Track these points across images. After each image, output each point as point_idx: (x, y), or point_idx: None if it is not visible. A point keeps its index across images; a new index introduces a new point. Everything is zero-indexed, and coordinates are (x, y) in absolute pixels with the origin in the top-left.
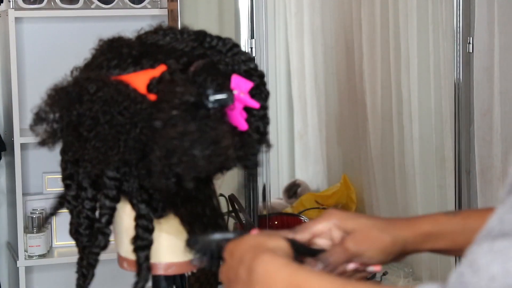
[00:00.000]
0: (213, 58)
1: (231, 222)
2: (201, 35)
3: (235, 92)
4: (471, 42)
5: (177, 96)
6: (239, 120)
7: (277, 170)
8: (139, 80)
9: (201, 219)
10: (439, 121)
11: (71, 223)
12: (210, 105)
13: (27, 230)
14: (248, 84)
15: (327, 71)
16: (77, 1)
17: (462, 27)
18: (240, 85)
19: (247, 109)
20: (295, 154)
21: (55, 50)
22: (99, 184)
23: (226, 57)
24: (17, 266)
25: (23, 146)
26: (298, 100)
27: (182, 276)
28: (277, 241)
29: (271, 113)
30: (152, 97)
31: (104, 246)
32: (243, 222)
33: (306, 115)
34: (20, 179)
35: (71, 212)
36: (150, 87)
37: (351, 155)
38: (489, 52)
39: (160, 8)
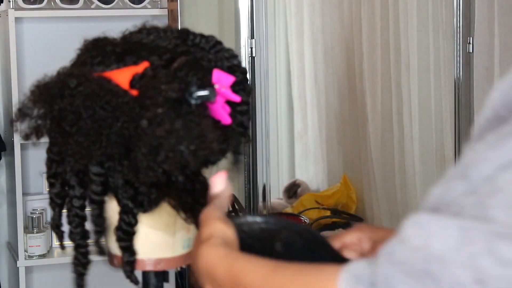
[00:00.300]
0: (196, 55)
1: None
2: (184, 33)
3: (216, 86)
4: (471, 42)
5: (162, 94)
6: (222, 114)
7: (277, 170)
8: (122, 76)
9: (195, 208)
10: (439, 121)
11: (53, 219)
12: (193, 102)
13: (27, 230)
14: (230, 79)
15: (327, 71)
16: (77, 1)
17: (462, 27)
18: (221, 80)
19: (231, 104)
20: (295, 154)
21: (55, 50)
22: (85, 181)
23: (209, 54)
24: (17, 266)
25: (23, 146)
26: (298, 100)
27: (180, 274)
28: (215, 227)
29: (271, 113)
30: (134, 92)
31: (100, 236)
32: None
33: (306, 115)
34: (20, 179)
35: (53, 209)
36: (132, 83)
37: (351, 155)
38: (489, 52)
39: (160, 8)
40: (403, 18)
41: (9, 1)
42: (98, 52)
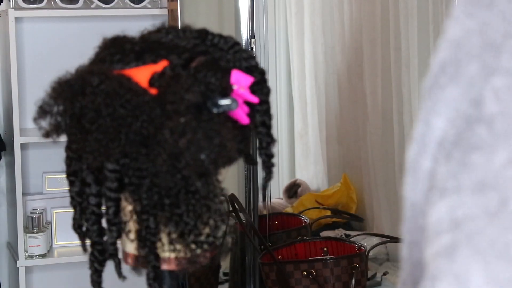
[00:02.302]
0: (214, 55)
1: (231, 222)
2: (203, 33)
3: (235, 87)
4: None
5: (183, 102)
6: (240, 115)
7: (277, 170)
8: (141, 74)
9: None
10: None
11: (74, 219)
12: (215, 110)
13: (27, 230)
14: (248, 79)
15: (327, 71)
16: (77, 1)
17: None
18: (240, 80)
19: (250, 104)
20: (295, 154)
21: (55, 50)
22: (101, 179)
23: (228, 54)
24: (17, 266)
25: (23, 146)
26: (298, 100)
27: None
28: None
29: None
30: (153, 91)
31: (118, 236)
32: (243, 222)
33: (306, 115)
34: (20, 179)
35: (74, 208)
36: (152, 82)
37: (351, 155)
38: None
39: (160, 8)
40: (403, 18)
41: (9, 1)
42: (117, 50)
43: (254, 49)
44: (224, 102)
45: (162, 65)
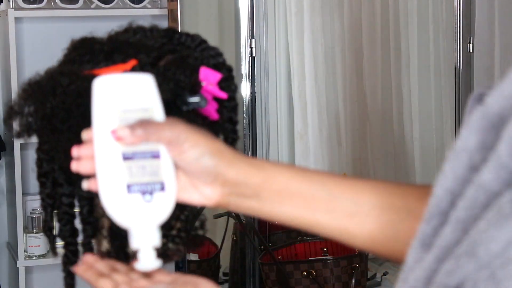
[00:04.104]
0: (182, 53)
1: (231, 222)
2: (170, 32)
3: (204, 83)
4: (471, 42)
5: None
6: (210, 111)
7: None
8: (111, 73)
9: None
10: (439, 121)
11: (45, 221)
12: (185, 108)
13: (26, 230)
14: (217, 76)
15: (327, 71)
16: (77, 1)
17: (463, 27)
18: (209, 77)
19: (218, 100)
20: (295, 154)
21: (55, 50)
22: (73, 180)
23: (195, 52)
24: (17, 266)
25: (23, 146)
26: (298, 100)
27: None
28: None
29: (271, 113)
30: None
31: (93, 235)
32: (243, 222)
33: (306, 115)
34: (20, 179)
35: (45, 210)
36: None
37: (351, 155)
38: (490, 51)
39: (160, 8)
40: (403, 18)
41: (9, 1)
42: (87, 51)
43: (254, 49)
44: (193, 99)
45: (131, 64)
